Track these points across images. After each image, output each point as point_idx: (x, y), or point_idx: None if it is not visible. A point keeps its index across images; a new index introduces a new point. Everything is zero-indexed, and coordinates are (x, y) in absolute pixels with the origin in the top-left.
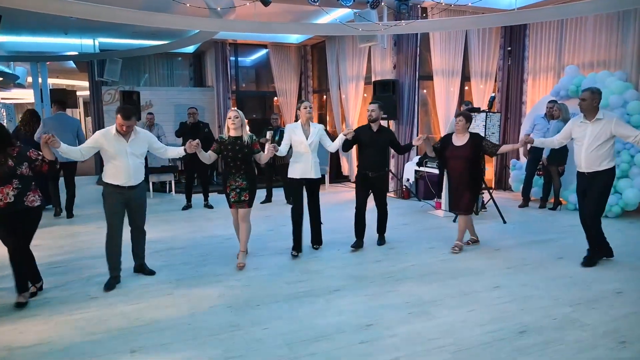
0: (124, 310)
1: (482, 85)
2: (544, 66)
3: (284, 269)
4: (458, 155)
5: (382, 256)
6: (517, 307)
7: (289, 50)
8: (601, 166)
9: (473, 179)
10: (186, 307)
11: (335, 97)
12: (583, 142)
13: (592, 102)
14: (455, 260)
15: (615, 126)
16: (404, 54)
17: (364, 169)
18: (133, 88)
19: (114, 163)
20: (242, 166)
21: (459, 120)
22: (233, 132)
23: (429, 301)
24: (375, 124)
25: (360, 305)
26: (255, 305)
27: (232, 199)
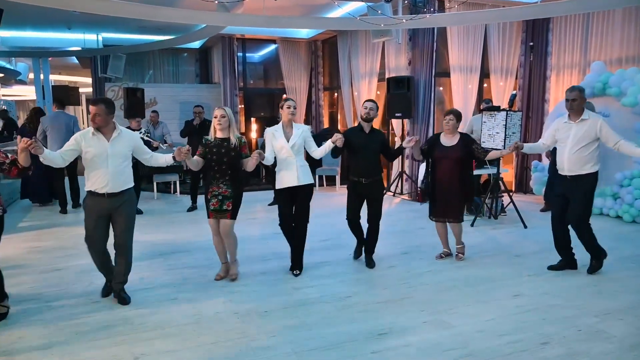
0: (127, 315)
1: (502, 82)
2: (568, 62)
3: (293, 274)
4: (447, 156)
5: (396, 261)
6: (539, 317)
7: (298, 45)
8: (584, 169)
9: (463, 183)
10: (191, 313)
11: (347, 94)
12: (566, 143)
13: (581, 102)
14: (473, 266)
15: (600, 128)
16: (419, 49)
17: (356, 176)
18: (137, 85)
19: (93, 166)
20: (227, 171)
21: (449, 120)
22: (219, 133)
23: (445, 309)
24: (368, 125)
25: (372, 313)
26: (262, 311)
27: (211, 207)
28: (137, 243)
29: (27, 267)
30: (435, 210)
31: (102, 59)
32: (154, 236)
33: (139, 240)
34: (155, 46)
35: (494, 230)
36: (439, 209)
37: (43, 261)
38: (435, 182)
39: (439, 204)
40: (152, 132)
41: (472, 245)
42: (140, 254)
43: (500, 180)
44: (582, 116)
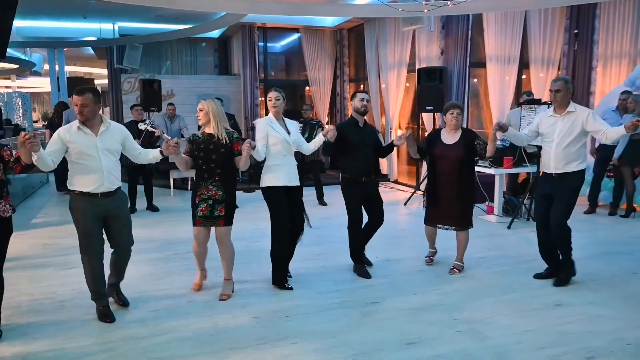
0: (142, 317)
1: (543, 73)
2: (616, 52)
3: (316, 278)
4: (449, 155)
5: (426, 265)
6: (583, 329)
7: (323, 34)
8: (571, 167)
9: (464, 185)
10: (209, 316)
11: (374, 86)
12: (552, 138)
13: (566, 93)
14: (510, 272)
15: (587, 119)
16: (453, 37)
17: (355, 175)
18: (154, 76)
19: (82, 164)
20: (216, 170)
21: (457, 114)
22: (207, 129)
23: (479, 318)
24: (363, 118)
25: (400, 320)
26: (284, 316)
27: (200, 213)
28: (152, 241)
29: (41, 265)
30: (432, 215)
31: (118, 49)
32: (171, 235)
33: (155, 239)
34: (173, 36)
35: (533, 234)
36: (436, 214)
37: (58, 259)
38: (435, 184)
39: (438, 208)
40: (169, 126)
41: (509, 249)
42: (157, 253)
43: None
44: (569, 108)
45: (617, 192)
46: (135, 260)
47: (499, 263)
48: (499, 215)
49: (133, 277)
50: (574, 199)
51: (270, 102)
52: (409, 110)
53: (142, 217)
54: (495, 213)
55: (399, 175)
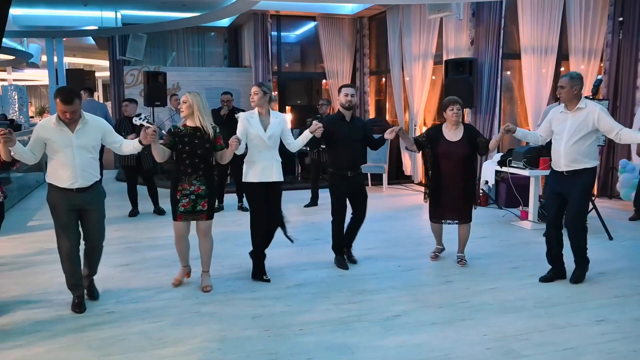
0: (144, 328)
1: (584, 65)
2: None
3: (332, 287)
4: (453, 153)
5: (454, 276)
6: (629, 348)
7: (341, 23)
8: (582, 164)
9: (467, 182)
10: (216, 328)
11: (397, 79)
12: (562, 135)
13: (572, 89)
14: (546, 285)
15: (598, 117)
16: (484, 26)
17: (341, 169)
18: (159, 68)
19: (58, 159)
20: (200, 165)
21: (457, 110)
22: (190, 122)
23: (512, 335)
24: (349, 112)
25: (425, 336)
26: (297, 330)
27: (181, 208)
28: (155, 247)
29: (38, 270)
30: (437, 211)
31: (121, 40)
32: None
33: (157, 245)
34: (179, 25)
35: None
36: (441, 210)
37: (55, 264)
38: (440, 181)
39: (442, 204)
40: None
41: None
42: (160, 259)
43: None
44: (579, 105)
45: None
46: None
47: (534, 274)
48: (534, 221)
49: (134, 284)
50: (588, 198)
51: (250, 97)
52: (435, 106)
53: (147, 220)
54: (530, 219)
55: (424, 177)
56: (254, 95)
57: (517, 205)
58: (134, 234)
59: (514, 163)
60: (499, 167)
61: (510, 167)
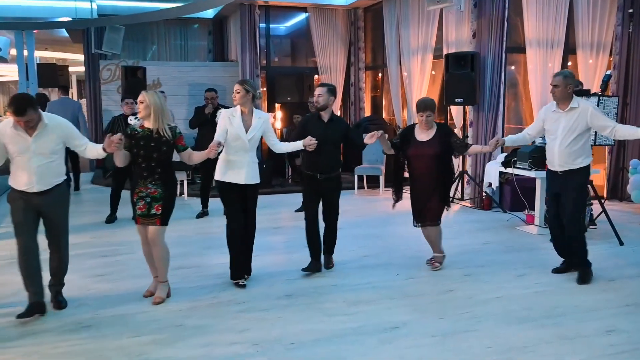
0: (123, 344)
1: (592, 60)
2: None
3: (326, 298)
4: (423, 153)
5: (456, 284)
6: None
7: (335, 14)
8: (576, 163)
9: (442, 183)
10: (200, 343)
11: (394, 74)
12: (556, 135)
13: (566, 88)
14: (553, 293)
15: (591, 116)
16: (487, 18)
17: (312, 170)
18: (138, 63)
19: (16, 163)
20: (156, 169)
21: (427, 117)
22: (147, 123)
23: (518, 347)
24: (326, 113)
25: (426, 349)
26: (288, 343)
27: (138, 211)
28: (133, 256)
29: (8, 283)
30: (418, 215)
31: (97, 32)
32: None
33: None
34: (160, 16)
35: None
36: (420, 213)
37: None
38: (413, 183)
39: (419, 207)
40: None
41: (552, 266)
42: (140, 269)
43: (590, 183)
44: (572, 104)
45: None
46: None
47: (540, 282)
48: (540, 225)
49: (112, 295)
50: (584, 197)
51: (233, 95)
52: (436, 103)
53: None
54: (536, 223)
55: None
56: (235, 93)
57: (523, 208)
58: (112, 241)
59: (519, 164)
60: (503, 168)
61: (515, 168)
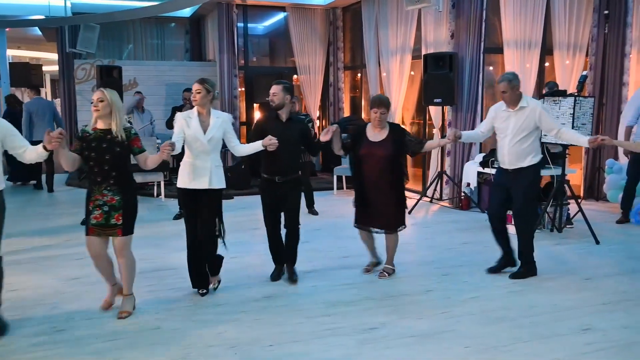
0: (98, 348)
1: (569, 60)
2: None
3: (305, 299)
4: (375, 153)
5: (435, 284)
6: (616, 357)
7: (313, 14)
8: (526, 162)
9: (395, 186)
10: (178, 347)
11: (373, 74)
12: (506, 133)
13: (513, 91)
14: (531, 292)
15: (539, 116)
16: (465, 19)
17: (270, 173)
18: (113, 62)
19: None
20: (111, 173)
21: (382, 114)
22: (100, 123)
23: (495, 346)
24: (284, 112)
25: (404, 350)
26: (266, 345)
27: (93, 220)
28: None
29: None
30: (362, 216)
31: (71, 30)
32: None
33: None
34: (136, 14)
35: (558, 247)
36: (367, 216)
37: None
38: (362, 184)
39: (368, 210)
40: (139, 120)
41: None
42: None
43: (566, 183)
44: (521, 103)
45: None
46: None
47: (518, 282)
48: None
49: (88, 298)
50: (533, 196)
51: (192, 95)
52: (414, 103)
53: None
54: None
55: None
56: (195, 93)
57: None
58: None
59: (497, 164)
60: (481, 168)
61: (493, 168)
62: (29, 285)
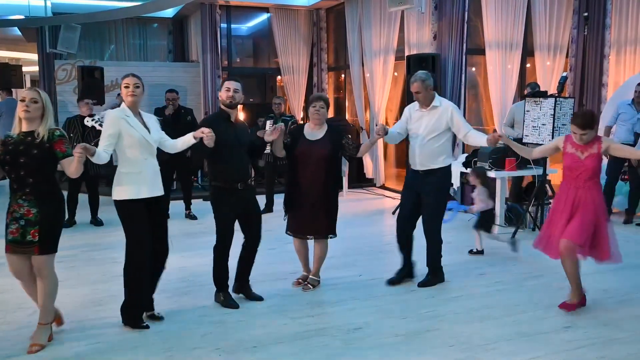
0: (80, 351)
1: (549, 61)
2: (631, 37)
3: (289, 300)
4: (313, 153)
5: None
6: (596, 354)
7: (297, 15)
8: (437, 163)
9: (330, 190)
10: (161, 349)
11: (356, 76)
12: (418, 133)
13: (426, 91)
14: (514, 291)
15: (451, 116)
16: (447, 20)
17: (230, 181)
18: (95, 63)
19: None
20: (27, 180)
21: (320, 107)
22: (25, 125)
23: (479, 345)
24: (234, 112)
25: (389, 349)
26: (250, 347)
27: (9, 236)
28: (92, 261)
29: None
30: (296, 223)
31: (52, 30)
32: (112, 251)
33: (95, 259)
34: (118, 15)
35: None
36: (299, 222)
37: None
38: (297, 186)
39: (299, 215)
40: None
41: (512, 265)
42: (97, 274)
43: (547, 183)
44: (433, 102)
45: (634, 198)
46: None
47: (501, 280)
48: (500, 225)
49: (68, 302)
50: (444, 199)
51: (127, 89)
52: (397, 104)
53: (82, 231)
54: (497, 223)
55: (387, 180)
56: (134, 88)
57: None
58: (69, 246)
59: (480, 164)
60: (464, 168)
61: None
62: (8, 288)
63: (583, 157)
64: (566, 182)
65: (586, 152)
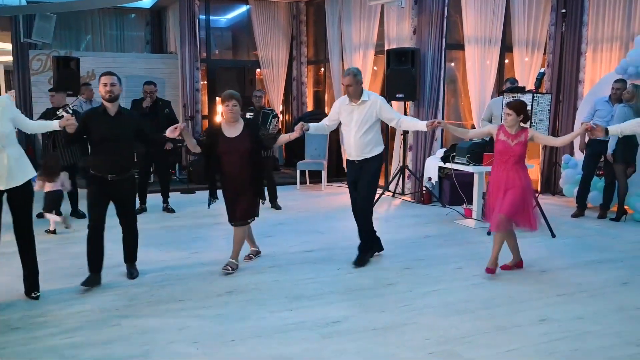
0: (56, 344)
1: (527, 57)
2: (607, 35)
3: (267, 294)
4: (234, 149)
5: (397, 278)
6: (570, 347)
7: (276, 7)
8: (371, 152)
9: (254, 180)
10: (138, 343)
11: (336, 69)
12: (351, 126)
13: (357, 85)
14: (489, 285)
15: (380, 109)
16: (427, 15)
17: (100, 171)
18: (71, 53)
19: None
20: None
21: (233, 106)
22: None
23: (456, 338)
24: (113, 105)
25: (366, 343)
26: (229, 340)
27: None
28: (66, 255)
29: None
30: (231, 214)
31: (26, 20)
32: None
33: (70, 252)
34: (94, 4)
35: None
36: (233, 211)
37: None
38: (224, 183)
39: (229, 206)
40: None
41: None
42: (73, 267)
43: None
44: (362, 97)
45: (608, 193)
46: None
47: (478, 274)
48: (477, 219)
49: (48, 294)
50: (375, 183)
51: None
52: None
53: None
54: (473, 217)
55: None
56: None
57: (461, 203)
58: (43, 238)
59: (458, 159)
60: (442, 163)
61: (454, 163)
62: None
63: (513, 144)
64: (497, 165)
65: (515, 140)
